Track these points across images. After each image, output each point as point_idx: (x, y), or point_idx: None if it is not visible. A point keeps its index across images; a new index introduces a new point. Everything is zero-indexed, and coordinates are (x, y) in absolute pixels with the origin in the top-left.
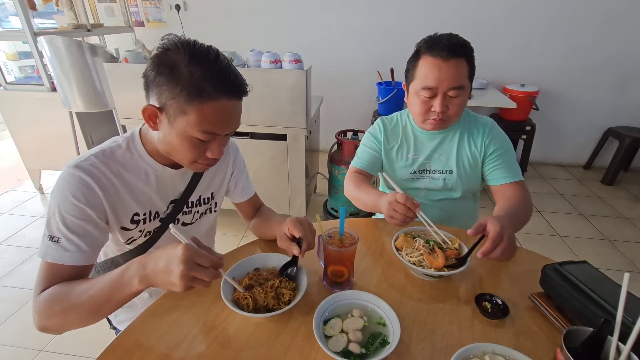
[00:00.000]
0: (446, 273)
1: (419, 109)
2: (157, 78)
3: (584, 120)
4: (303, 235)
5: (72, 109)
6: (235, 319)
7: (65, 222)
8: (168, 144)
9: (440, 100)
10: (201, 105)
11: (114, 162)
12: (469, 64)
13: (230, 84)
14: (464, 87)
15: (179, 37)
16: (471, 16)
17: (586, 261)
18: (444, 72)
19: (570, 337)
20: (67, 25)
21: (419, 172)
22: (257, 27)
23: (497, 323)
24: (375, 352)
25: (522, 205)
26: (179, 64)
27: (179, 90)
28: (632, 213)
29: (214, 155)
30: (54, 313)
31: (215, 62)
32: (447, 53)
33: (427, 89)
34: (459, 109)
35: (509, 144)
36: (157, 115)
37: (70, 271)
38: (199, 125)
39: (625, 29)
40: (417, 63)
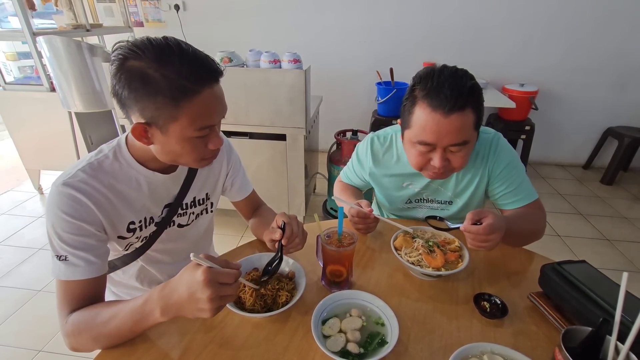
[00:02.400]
0: (445, 273)
1: (415, 161)
2: (131, 94)
3: (584, 120)
4: (287, 222)
5: (71, 109)
6: (233, 319)
7: (66, 241)
8: (170, 153)
9: (439, 155)
10: (189, 105)
11: (104, 174)
12: (475, 112)
13: (206, 70)
14: (468, 142)
15: (128, 41)
16: (470, 15)
17: (585, 261)
18: (445, 129)
19: (569, 336)
20: (66, 26)
21: (415, 202)
22: (256, 27)
23: (496, 323)
24: (374, 351)
25: (528, 220)
26: (147, 71)
27: (161, 98)
28: (632, 213)
29: (215, 145)
30: (81, 341)
31: (182, 55)
32: (449, 108)
33: (424, 144)
34: (463, 160)
35: (516, 161)
36: (147, 130)
37: (86, 284)
38: (193, 124)
39: (624, 29)
40: (413, 109)
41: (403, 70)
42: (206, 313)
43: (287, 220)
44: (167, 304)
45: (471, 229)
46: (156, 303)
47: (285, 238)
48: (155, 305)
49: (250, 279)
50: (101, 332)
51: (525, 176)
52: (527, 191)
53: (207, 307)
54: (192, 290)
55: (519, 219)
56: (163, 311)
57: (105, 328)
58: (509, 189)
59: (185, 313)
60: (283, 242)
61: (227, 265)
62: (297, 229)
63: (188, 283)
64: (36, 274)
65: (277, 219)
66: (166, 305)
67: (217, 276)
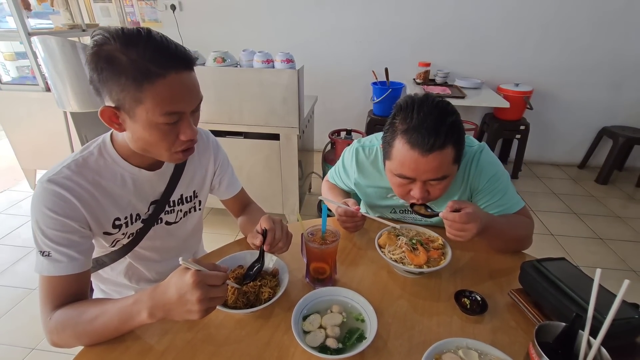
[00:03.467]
0: (427, 270)
1: (396, 190)
2: (100, 76)
3: (578, 120)
4: (269, 229)
5: (66, 109)
6: (217, 316)
7: (49, 237)
8: (140, 140)
9: (419, 187)
10: (152, 87)
11: (88, 171)
12: (455, 148)
13: (172, 56)
14: (447, 176)
15: (106, 28)
16: (466, 16)
17: (564, 258)
18: (423, 167)
19: (544, 332)
20: (62, 26)
21: (400, 212)
22: (252, 27)
23: (476, 319)
24: (352, 347)
25: (513, 224)
26: (114, 53)
27: (124, 79)
28: (626, 212)
29: (187, 136)
30: (65, 338)
31: (149, 40)
32: (427, 148)
33: (403, 177)
34: (442, 192)
35: (499, 173)
36: (117, 115)
37: (70, 281)
38: (158, 108)
39: (618, 29)
40: (393, 142)
41: (399, 70)
42: (195, 315)
43: (270, 226)
44: (156, 306)
45: (449, 216)
46: (145, 304)
47: (267, 245)
48: (144, 307)
49: (235, 276)
50: (86, 329)
51: (510, 186)
52: (512, 201)
53: (196, 309)
54: (181, 293)
55: (501, 220)
56: (151, 313)
57: (90, 325)
58: (492, 201)
59: (174, 315)
60: (265, 248)
61: (214, 268)
62: (280, 234)
63: (177, 285)
64: (31, 273)
65: (261, 223)
66: (155, 306)
67: (206, 278)
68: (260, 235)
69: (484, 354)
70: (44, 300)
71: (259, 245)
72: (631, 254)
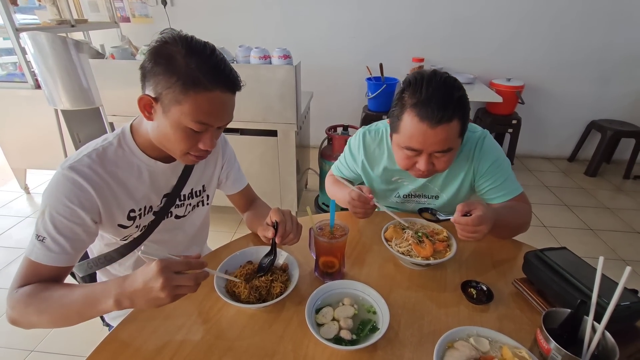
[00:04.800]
0: (433, 262)
1: (402, 163)
2: (154, 68)
3: (568, 114)
4: (280, 220)
5: (57, 107)
6: (228, 311)
7: (54, 222)
8: (162, 134)
9: (425, 160)
10: (196, 96)
11: (107, 161)
12: (461, 122)
13: (224, 77)
14: (452, 149)
15: (177, 31)
16: (459, 11)
17: (565, 247)
18: (431, 139)
19: (550, 318)
20: (49, 21)
21: (404, 197)
22: (245, 23)
23: (482, 308)
24: (366, 337)
25: (515, 212)
26: (176, 55)
27: (175, 80)
28: (614, 203)
29: (206, 146)
30: (27, 313)
31: (211, 56)
32: (436, 121)
33: (410, 149)
34: (446, 164)
35: (501, 158)
36: (152, 105)
37: (50, 271)
38: (192, 115)
39: (606, 25)
40: (401, 115)
41: (393, 66)
42: (162, 300)
43: (280, 218)
44: (122, 294)
45: (461, 220)
46: (112, 292)
47: (279, 237)
48: (111, 294)
49: (245, 272)
50: (49, 307)
51: (511, 172)
52: (512, 186)
53: (161, 295)
54: (145, 280)
55: (506, 211)
56: (117, 300)
57: (55, 303)
58: (494, 185)
59: (140, 303)
60: (277, 240)
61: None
62: (290, 226)
63: (143, 274)
64: None
65: (271, 215)
66: (121, 294)
67: (171, 265)
68: (271, 228)
69: (494, 340)
70: (17, 279)
71: (270, 237)
72: (620, 244)
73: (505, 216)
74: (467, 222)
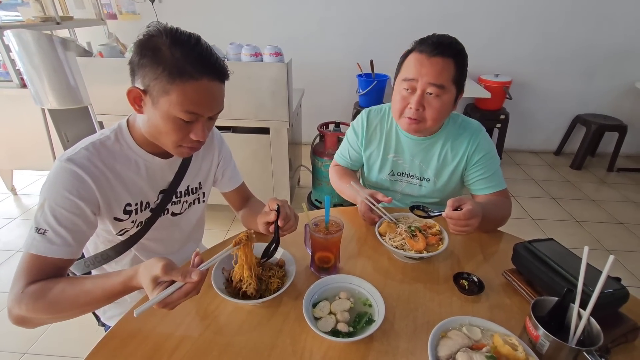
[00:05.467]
0: (426, 255)
1: (397, 105)
2: (140, 61)
3: (554, 109)
4: (281, 205)
5: (44, 106)
6: (226, 307)
7: (55, 214)
8: (153, 126)
9: (417, 98)
10: (183, 85)
11: (105, 154)
12: (457, 67)
13: (211, 65)
14: (444, 87)
15: (163, 24)
16: (448, 8)
17: (552, 238)
18: (426, 68)
19: (538, 307)
20: (33, 18)
21: (397, 175)
22: (236, 20)
23: (474, 299)
24: (362, 330)
25: (498, 207)
26: (161, 46)
27: (161, 70)
28: (598, 195)
29: (197, 137)
30: (38, 306)
31: (196, 45)
32: (432, 50)
33: (406, 80)
34: (436, 113)
35: (493, 152)
36: (142, 98)
37: (53, 264)
38: (181, 104)
39: (590, 21)
40: (405, 60)
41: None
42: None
43: (280, 203)
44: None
45: (452, 215)
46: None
47: (281, 219)
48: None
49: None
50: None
51: (499, 168)
52: (499, 181)
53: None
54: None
55: (490, 206)
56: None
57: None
58: (483, 176)
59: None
60: (279, 223)
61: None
62: (290, 212)
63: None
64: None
65: (270, 203)
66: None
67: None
68: (273, 212)
69: (485, 329)
70: (20, 276)
71: (273, 219)
72: (604, 235)
73: (489, 210)
74: (459, 216)
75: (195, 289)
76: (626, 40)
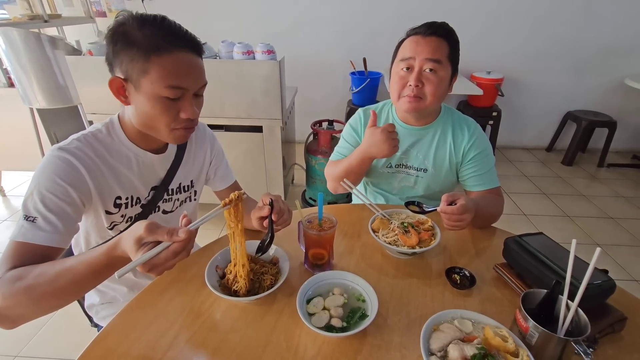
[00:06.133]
0: (419, 250)
1: (396, 86)
2: (114, 49)
3: (546, 105)
4: (274, 199)
5: (32, 105)
6: (220, 305)
7: (44, 201)
8: (142, 114)
9: (416, 75)
10: (159, 59)
11: (98, 145)
12: (450, 46)
13: (182, 36)
14: (441, 62)
15: (130, 12)
16: (439, 6)
17: (542, 232)
18: (422, 46)
19: (528, 299)
20: (21, 16)
21: (396, 167)
22: (226, 18)
23: (466, 292)
24: (356, 324)
25: (490, 204)
26: (131, 30)
27: (135, 50)
28: (589, 191)
29: (187, 114)
30: (15, 290)
31: (164, 21)
32: (426, 29)
33: (404, 59)
34: (435, 88)
35: (489, 150)
36: (124, 87)
37: (41, 253)
38: (162, 80)
39: (580, 18)
40: (400, 46)
41: (376, 60)
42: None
43: (273, 198)
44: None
45: (447, 210)
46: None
47: (275, 214)
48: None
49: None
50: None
51: (494, 167)
52: (493, 178)
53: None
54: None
55: (483, 203)
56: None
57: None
58: (478, 173)
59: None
60: (273, 217)
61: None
62: (283, 206)
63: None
64: None
65: (263, 198)
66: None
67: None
68: (266, 207)
69: (476, 322)
70: (1, 263)
71: (267, 214)
72: (595, 229)
73: (482, 207)
74: (453, 210)
75: (184, 248)
76: (614, 36)
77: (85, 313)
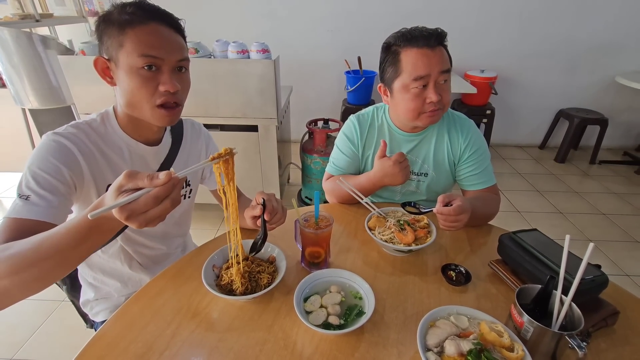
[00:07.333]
0: (415, 248)
1: (413, 105)
2: (99, 35)
3: (538, 103)
4: (267, 199)
5: (25, 106)
6: (217, 304)
7: (37, 179)
8: (124, 91)
9: (435, 90)
10: (133, 32)
11: (92, 133)
12: (446, 51)
13: (156, 10)
14: (450, 70)
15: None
16: (434, 5)
17: (536, 229)
18: (434, 59)
19: (523, 294)
20: (12, 16)
21: None
22: (221, 17)
23: (461, 289)
24: (353, 322)
25: (487, 203)
26: (111, 15)
27: (112, 27)
28: (581, 187)
29: (166, 87)
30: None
31: (141, 2)
32: (433, 41)
33: (419, 79)
34: (449, 96)
35: (485, 148)
36: (109, 67)
37: (36, 227)
38: (135, 50)
39: (572, 17)
40: (398, 59)
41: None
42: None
43: (266, 197)
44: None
45: (443, 211)
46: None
47: (267, 213)
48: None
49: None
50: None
51: (490, 164)
52: (489, 177)
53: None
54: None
55: (479, 202)
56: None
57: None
58: (475, 172)
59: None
60: (265, 217)
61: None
62: (276, 205)
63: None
64: None
65: (257, 197)
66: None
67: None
68: (259, 206)
69: (472, 318)
70: None
71: (259, 213)
72: (587, 225)
73: (478, 207)
74: (449, 211)
75: (167, 195)
76: (606, 34)
77: (80, 313)
